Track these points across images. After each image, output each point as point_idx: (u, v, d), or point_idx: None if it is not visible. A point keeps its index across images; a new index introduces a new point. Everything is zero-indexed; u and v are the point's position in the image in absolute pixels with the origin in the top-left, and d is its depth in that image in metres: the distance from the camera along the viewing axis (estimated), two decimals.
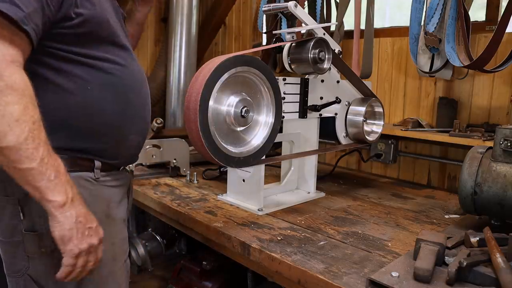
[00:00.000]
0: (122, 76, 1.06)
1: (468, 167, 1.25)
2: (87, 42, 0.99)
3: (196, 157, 2.15)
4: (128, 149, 1.14)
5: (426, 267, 0.94)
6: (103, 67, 1.03)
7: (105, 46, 1.03)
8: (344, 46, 2.25)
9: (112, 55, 1.05)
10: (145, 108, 1.17)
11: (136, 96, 1.11)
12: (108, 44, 1.04)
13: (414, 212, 1.54)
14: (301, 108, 1.50)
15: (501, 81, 1.82)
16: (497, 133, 1.22)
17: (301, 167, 1.72)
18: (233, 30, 3.06)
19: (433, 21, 1.72)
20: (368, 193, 1.80)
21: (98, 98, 1.02)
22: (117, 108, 1.06)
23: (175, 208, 1.52)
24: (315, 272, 1.03)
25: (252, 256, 1.20)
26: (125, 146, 1.12)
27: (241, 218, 1.41)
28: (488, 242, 1.02)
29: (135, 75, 1.12)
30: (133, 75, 1.11)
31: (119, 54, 1.07)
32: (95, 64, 1.01)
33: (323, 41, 1.42)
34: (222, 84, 1.16)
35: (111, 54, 1.04)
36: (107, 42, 1.03)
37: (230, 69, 1.16)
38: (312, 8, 2.25)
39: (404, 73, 2.14)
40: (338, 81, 1.62)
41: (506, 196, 1.17)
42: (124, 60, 1.08)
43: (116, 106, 1.06)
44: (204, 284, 1.95)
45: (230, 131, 1.25)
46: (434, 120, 2.01)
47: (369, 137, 1.68)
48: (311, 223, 1.39)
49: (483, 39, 1.83)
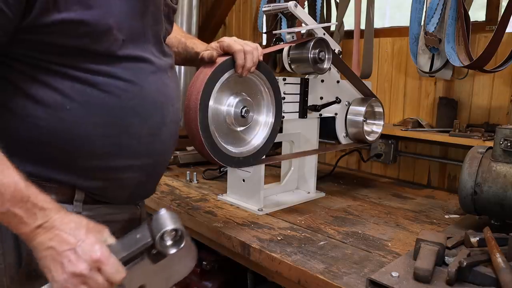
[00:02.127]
0: (122, 96, 0.84)
1: (468, 167, 1.25)
2: (74, 53, 0.78)
3: (196, 157, 2.15)
4: (122, 189, 0.92)
5: (426, 267, 0.94)
6: (95, 82, 0.81)
7: (103, 57, 0.82)
8: (344, 46, 2.24)
9: (112, 67, 0.83)
10: (155, 139, 0.92)
11: (142, 122, 0.88)
12: (108, 55, 0.82)
13: (414, 212, 1.54)
14: (301, 108, 1.50)
15: (501, 81, 1.82)
16: (497, 133, 1.22)
17: (301, 167, 1.72)
18: (233, 30, 3.06)
19: (433, 21, 1.72)
20: (368, 193, 1.80)
21: (81, 121, 0.81)
22: (107, 136, 0.84)
23: (175, 208, 1.52)
24: (315, 272, 1.03)
25: (252, 256, 1.20)
26: (118, 185, 0.90)
27: (241, 218, 1.41)
28: (488, 242, 1.02)
29: (147, 96, 0.88)
30: (143, 95, 0.87)
31: (127, 67, 0.85)
32: (82, 78, 0.80)
33: (323, 41, 1.42)
34: (222, 84, 1.16)
35: (111, 66, 0.82)
36: (107, 53, 0.82)
37: (230, 69, 1.16)
38: (312, 8, 2.25)
39: (404, 73, 2.14)
40: (338, 81, 1.62)
41: (506, 196, 1.17)
42: (133, 75, 0.85)
43: (107, 133, 0.84)
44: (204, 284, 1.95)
45: (230, 131, 1.25)
46: (434, 120, 2.01)
47: (369, 137, 1.68)
48: (311, 223, 1.39)
49: (483, 39, 1.83)
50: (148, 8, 0.89)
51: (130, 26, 0.84)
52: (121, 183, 0.91)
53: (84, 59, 0.79)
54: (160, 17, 0.95)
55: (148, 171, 0.95)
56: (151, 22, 0.90)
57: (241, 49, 1.13)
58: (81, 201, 0.86)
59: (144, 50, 0.88)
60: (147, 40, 0.90)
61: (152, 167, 0.96)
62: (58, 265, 0.70)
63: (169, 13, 1.01)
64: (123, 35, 0.82)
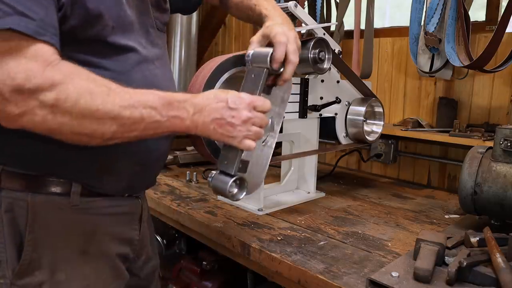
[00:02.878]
0: None
1: (468, 167, 1.25)
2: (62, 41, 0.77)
3: (196, 157, 2.15)
4: (117, 180, 0.93)
5: (426, 267, 0.94)
6: None
7: (91, 45, 0.83)
8: (344, 46, 2.24)
9: (99, 58, 0.84)
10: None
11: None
12: (96, 43, 0.83)
13: (414, 212, 1.54)
14: (301, 108, 1.50)
15: (501, 81, 1.82)
16: (497, 133, 1.22)
17: (301, 167, 1.72)
18: (233, 30, 3.06)
19: (433, 21, 1.72)
20: (368, 193, 1.80)
21: None
22: None
23: (175, 208, 1.52)
24: (315, 272, 1.03)
25: (252, 256, 1.20)
26: (112, 176, 0.92)
27: (241, 218, 1.41)
28: (488, 242, 1.02)
29: (134, 86, 0.85)
30: (129, 85, 0.83)
31: (113, 57, 0.86)
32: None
33: (323, 41, 1.42)
34: (222, 84, 1.16)
35: (98, 57, 0.84)
36: (95, 41, 0.83)
37: (231, 69, 1.16)
38: (312, 8, 2.25)
39: (404, 73, 2.14)
40: (338, 81, 1.62)
41: (506, 196, 1.17)
42: (119, 66, 0.87)
43: None
44: (204, 284, 1.95)
45: None
46: (434, 120, 2.01)
47: (369, 137, 1.68)
48: (311, 223, 1.39)
49: (483, 39, 1.83)
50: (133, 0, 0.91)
51: (118, 15, 0.86)
52: (115, 174, 0.92)
53: (71, 48, 0.79)
54: (147, 7, 0.96)
55: (142, 161, 0.95)
56: (137, 13, 0.92)
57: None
58: (78, 193, 0.87)
59: (131, 39, 0.89)
60: (135, 29, 0.91)
61: (146, 156, 0.95)
62: (228, 126, 0.85)
63: (158, 2, 1.01)
64: (113, 22, 0.84)
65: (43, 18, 0.72)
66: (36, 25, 0.71)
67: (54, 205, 0.86)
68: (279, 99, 1.08)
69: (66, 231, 0.88)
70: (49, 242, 0.86)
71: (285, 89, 1.08)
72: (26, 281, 0.86)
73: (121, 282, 0.99)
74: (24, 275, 0.86)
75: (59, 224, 0.87)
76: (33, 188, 0.85)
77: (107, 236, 0.94)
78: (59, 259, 0.88)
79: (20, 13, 0.69)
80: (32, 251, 0.85)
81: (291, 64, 1.00)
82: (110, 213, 0.94)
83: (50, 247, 0.87)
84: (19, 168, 0.84)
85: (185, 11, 1.34)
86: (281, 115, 1.10)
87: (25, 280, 0.86)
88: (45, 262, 0.86)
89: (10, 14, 0.68)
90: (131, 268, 1.06)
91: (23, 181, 0.85)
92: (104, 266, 0.94)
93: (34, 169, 0.85)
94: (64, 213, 0.87)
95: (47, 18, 0.73)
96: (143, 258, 1.12)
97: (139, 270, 1.11)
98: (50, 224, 0.86)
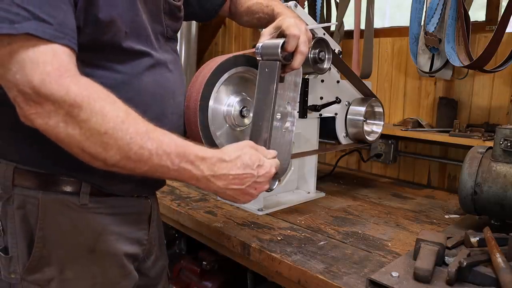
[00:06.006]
0: (119, 88, 0.84)
1: (468, 167, 1.25)
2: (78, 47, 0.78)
3: None
4: (127, 182, 0.93)
5: (426, 267, 0.94)
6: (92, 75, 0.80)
7: (104, 50, 0.84)
8: (344, 46, 2.24)
9: (111, 62, 0.85)
10: None
11: (140, 114, 0.86)
12: (110, 48, 0.84)
13: (414, 212, 1.54)
14: (301, 108, 1.50)
15: (501, 81, 1.82)
16: (497, 133, 1.22)
17: (301, 167, 1.72)
18: (233, 30, 3.06)
19: (433, 21, 1.72)
20: (368, 193, 1.80)
21: None
22: None
23: (175, 208, 1.52)
24: (315, 272, 1.03)
25: (252, 256, 1.20)
26: (121, 178, 0.88)
27: (241, 218, 1.41)
28: (488, 242, 1.02)
29: (145, 89, 0.91)
30: (141, 87, 0.90)
31: (126, 61, 0.87)
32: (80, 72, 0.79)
33: (323, 41, 1.42)
34: (222, 84, 1.16)
35: (111, 61, 0.85)
36: (108, 46, 0.84)
37: (231, 69, 1.16)
38: (312, 8, 2.25)
39: (404, 73, 2.14)
40: (338, 81, 1.62)
41: (506, 196, 1.17)
42: (131, 69, 0.88)
43: None
44: (204, 284, 1.95)
45: (230, 131, 1.25)
46: (434, 120, 2.01)
47: (369, 137, 1.68)
48: (311, 223, 1.39)
49: (483, 39, 1.83)
50: (147, 5, 0.92)
51: (132, 20, 0.87)
52: (124, 176, 0.91)
53: (84, 52, 0.80)
54: (160, 15, 0.97)
55: None
56: (151, 19, 0.93)
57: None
58: (87, 193, 0.88)
59: (145, 44, 0.91)
60: (148, 35, 0.92)
61: None
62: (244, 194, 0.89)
63: (172, 10, 1.02)
64: (126, 28, 0.85)
65: (61, 23, 0.72)
66: (54, 29, 0.71)
67: (64, 204, 0.87)
68: (292, 85, 1.13)
69: (75, 230, 0.88)
70: (58, 240, 0.87)
71: (296, 72, 1.12)
72: (36, 277, 0.87)
73: (130, 282, 0.99)
74: (34, 271, 0.87)
75: (68, 222, 0.87)
76: (44, 186, 0.86)
77: (115, 235, 0.94)
78: (67, 257, 0.89)
79: (38, 17, 0.70)
80: (42, 248, 0.86)
81: (301, 54, 1.03)
82: (118, 213, 0.94)
83: (59, 244, 0.88)
84: (32, 167, 0.86)
85: (202, 19, 1.34)
86: (296, 98, 1.14)
87: (34, 276, 0.87)
88: (54, 259, 0.87)
89: (28, 19, 0.69)
90: (140, 268, 1.06)
91: (35, 179, 0.86)
92: (111, 265, 0.94)
93: (46, 168, 0.86)
94: (74, 211, 0.88)
95: (65, 22, 0.73)
96: (153, 257, 1.11)
97: (148, 270, 1.11)
98: (59, 222, 0.87)
